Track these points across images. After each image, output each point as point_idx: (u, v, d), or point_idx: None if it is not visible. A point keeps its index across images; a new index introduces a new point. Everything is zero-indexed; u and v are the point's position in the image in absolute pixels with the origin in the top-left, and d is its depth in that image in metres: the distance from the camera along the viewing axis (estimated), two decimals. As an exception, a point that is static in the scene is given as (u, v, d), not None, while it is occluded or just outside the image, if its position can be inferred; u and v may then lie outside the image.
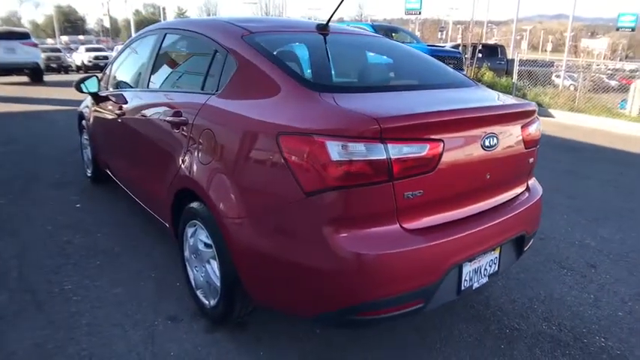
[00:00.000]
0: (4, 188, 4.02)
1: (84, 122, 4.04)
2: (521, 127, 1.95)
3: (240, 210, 1.75)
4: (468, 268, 1.78)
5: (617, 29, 26.90)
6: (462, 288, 1.78)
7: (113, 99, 3.14)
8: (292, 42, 2.21)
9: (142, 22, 44.99)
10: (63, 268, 2.66)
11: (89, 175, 4.15)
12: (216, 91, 2.02)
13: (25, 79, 14.59)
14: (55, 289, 2.44)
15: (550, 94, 11.42)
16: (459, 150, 1.67)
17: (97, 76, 3.46)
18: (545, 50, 62.70)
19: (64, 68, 22.54)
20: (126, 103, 2.86)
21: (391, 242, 1.56)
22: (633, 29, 26.66)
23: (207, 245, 2.03)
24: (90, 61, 23.11)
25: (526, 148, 2.00)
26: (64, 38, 49.55)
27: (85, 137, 4.07)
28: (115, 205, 3.67)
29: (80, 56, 24.03)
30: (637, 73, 12.32)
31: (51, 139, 6.15)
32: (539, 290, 2.59)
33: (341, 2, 2.12)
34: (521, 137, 1.95)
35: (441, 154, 1.59)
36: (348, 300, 1.57)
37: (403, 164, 1.52)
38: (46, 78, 15.64)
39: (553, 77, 14.18)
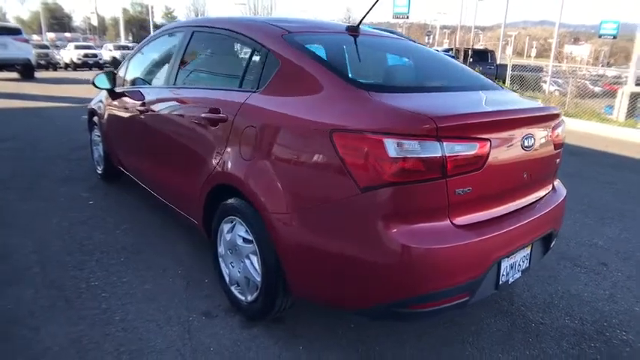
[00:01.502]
0: (12, 184, 3.97)
1: (95, 119, 4.01)
2: (551, 129, 2.03)
3: (289, 205, 1.78)
4: (505, 264, 1.84)
5: (600, 36, 27.60)
6: (500, 282, 1.84)
7: (134, 95, 3.13)
8: (329, 42, 2.24)
9: (130, 21, 44.37)
10: (87, 265, 2.65)
11: (99, 172, 4.12)
12: (257, 88, 2.04)
13: (15, 75, 14.34)
14: (81, 284, 2.43)
15: (541, 98, 11.66)
16: (503, 149, 1.73)
17: (113, 72, 3.44)
18: (530, 56, 63.90)
19: (53, 65, 22.19)
20: (149, 99, 2.85)
21: (443, 237, 1.61)
22: (615, 37, 27.39)
23: (246, 241, 2.05)
24: (79, 59, 22.81)
25: (554, 149, 2.08)
26: (50, 35, 48.66)
27: (97, 134, 4.03)
28: (129, 202, 3.65)
29: (69, 54, 23.67)
30: (622, 79, 12.67)
31: (52, 135, 6.08)
32: (557, 287, 2.67)
33: (372, 6, 2.18)
34: (551, 139, 2.03)
35: (488, 153, 1.65)
36: (401, 293, 1.61)
37: (456, 162, 1.57)
38: (37, 74, 15.41)
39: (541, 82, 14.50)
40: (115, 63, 22.03)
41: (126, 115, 3.26)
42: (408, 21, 28.57)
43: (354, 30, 2.33)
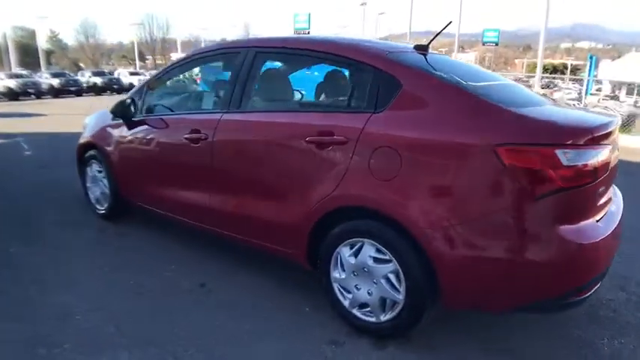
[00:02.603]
0: (6, 234, 3.38)
1: (93, 153, 3.62)
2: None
3: (448, 219, 1.82)
4: None
5: (483, 44, 31.17)
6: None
7: (176, 123, 2.91)
8: (425, 61, 2.30)
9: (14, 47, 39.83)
10: (158, 312, 2.38)
11: (102, 211, 3.69)
12: (377, 109, 2.06)
13: None
14: (165, 330, 2.19)
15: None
16: (609, 156, 1.93)
17: (133, 100, 3.16)
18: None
19: None
20: (207, 127, 2.68)
21: (595, 233, 1.81)
22: (497, 44, 31.18)
23: (380, 261, 2.04)
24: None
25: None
26: None
27: (98, 169, 3.63)
28: (157, 240, 3.33)
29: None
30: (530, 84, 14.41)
31: (11, 173, 5.35)
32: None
33: (442, 29, 2.34)
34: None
35: (609, 159, 1.89)
36: (572, 283, 1.77)
37: (601, 167, 1.79)
38: None
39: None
40: (13, 93, 19.70)
41: (161, 145, 3.01)
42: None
43: (424, 49, 2.43)
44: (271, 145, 2.40)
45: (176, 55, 55.89)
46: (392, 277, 2.02)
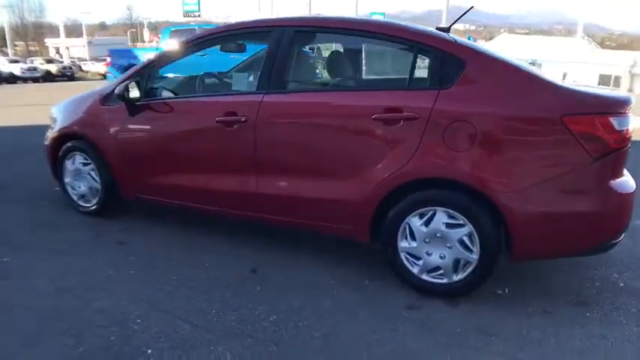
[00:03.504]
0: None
1: (74, 144, 3.23)
2: None
3: (524, 182, 2.08)
4: None
5: None
6: None
7: (203, 106, 2.75)
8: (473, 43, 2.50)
9: None
10: (229, 306, 2.31)
11: (90, 208, 3.33)
12: (442, 86, 2.21)
13: None
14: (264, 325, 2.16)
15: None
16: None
17: (137, 81, 2.88)
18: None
19: None
20: (247, 107, 2.56)
21: (629, 186, 2.21)
22: None
23: (453, 226, 2.22)
24: None
25: None
26: None
27: (82, 162, 3.25)
28: (170, 231, 3.11)
29: None
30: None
31: None
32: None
33: (464, 13, 2.59)
34: None
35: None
36: (618, 227, 2.16)
37: (631, 132, 2.17)
38: None
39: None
40: None
41: (181, 130, 2.82)
42: (200, 19, 28.14)
43: (447, 31, 2.64)
44: (331, 125, 2.42)
45: (56, 41, 49.63)
46: (466, 239, 2.22)
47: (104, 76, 18.76)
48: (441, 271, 2.31)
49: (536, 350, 1.99)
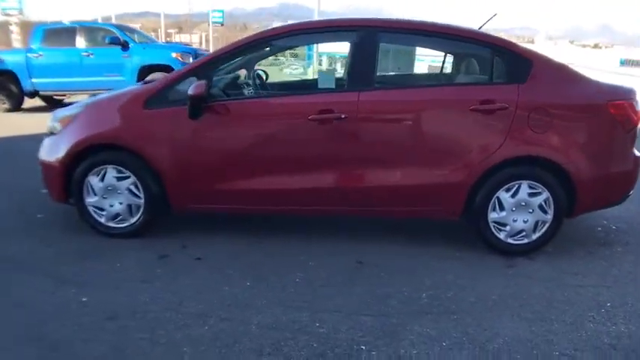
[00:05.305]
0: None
1: (106, 156, 2.75)
2: None
3: (586, 154, 2.75)
4: None
5: (209, 24, 32.10)
6: None
7: (292, 105, 2.76)
8: None
9: None
10: (337, 296, 2.43)
11: (125, 229, 2.89)
12: (520, 82, 2.72)
13: None
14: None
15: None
16: None
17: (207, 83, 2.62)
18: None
19: None
20: (344, 105, 2.67)
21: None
22: (222, 24, 32.78)
23: (534, 194, 2.77)
24: None
25: None
26: None
27: (117, 176, 2.79)
28: (231, 246, 2.93)
29: None
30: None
31: None
32: None
33: (489, 18, 3.22)
34: None
35: None
36: (633, 184, 2.96)
37: None
38: None
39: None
40: None
41: (266, 130, 2.78)
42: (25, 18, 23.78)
43: None
44: (431, 118, 2.74)
45: None
46: (544, 204, 2.80)
47: None
48: (524, 233, 2.86)
49: (612, 281, 2.67)
